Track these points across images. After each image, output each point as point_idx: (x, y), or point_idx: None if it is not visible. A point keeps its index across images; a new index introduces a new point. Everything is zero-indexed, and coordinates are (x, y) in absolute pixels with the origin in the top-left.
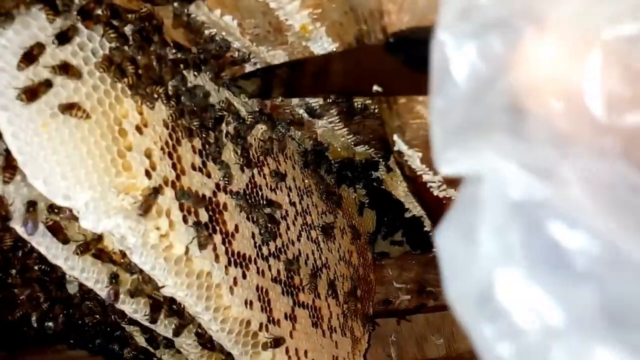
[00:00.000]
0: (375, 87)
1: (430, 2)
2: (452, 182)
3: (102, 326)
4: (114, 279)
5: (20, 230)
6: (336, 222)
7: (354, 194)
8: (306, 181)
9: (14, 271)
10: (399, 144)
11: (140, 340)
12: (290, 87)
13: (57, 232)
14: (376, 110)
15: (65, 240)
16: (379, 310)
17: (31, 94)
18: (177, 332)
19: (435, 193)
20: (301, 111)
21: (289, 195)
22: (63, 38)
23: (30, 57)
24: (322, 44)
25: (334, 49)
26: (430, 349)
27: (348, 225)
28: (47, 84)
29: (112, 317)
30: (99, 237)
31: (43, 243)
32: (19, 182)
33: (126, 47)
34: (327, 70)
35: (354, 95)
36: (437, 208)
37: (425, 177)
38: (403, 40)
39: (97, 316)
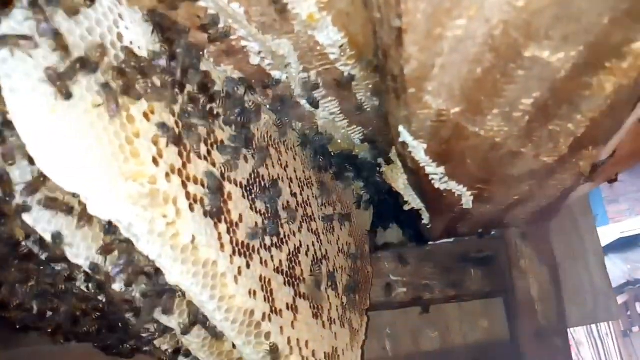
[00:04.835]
0: None
1: None
2: (453, 175)
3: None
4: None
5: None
6: (335, 214)
7: (352, 185)
8: (306, 172)
9: None
10: (404, 135)
11: None
12: None
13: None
14: (377, 103)
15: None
16: (375, 302)
17: None
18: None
19: (437, 185)
20: (303, 102)
21: (290, 187)
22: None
23: None
24: (328, 34)
25: (340, 39)
26: (425, 342)
27: (346, 218)
28: None
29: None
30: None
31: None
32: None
33: None
34: None
35: None
36: (437, 200)
37: (428, 170)
38: None
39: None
